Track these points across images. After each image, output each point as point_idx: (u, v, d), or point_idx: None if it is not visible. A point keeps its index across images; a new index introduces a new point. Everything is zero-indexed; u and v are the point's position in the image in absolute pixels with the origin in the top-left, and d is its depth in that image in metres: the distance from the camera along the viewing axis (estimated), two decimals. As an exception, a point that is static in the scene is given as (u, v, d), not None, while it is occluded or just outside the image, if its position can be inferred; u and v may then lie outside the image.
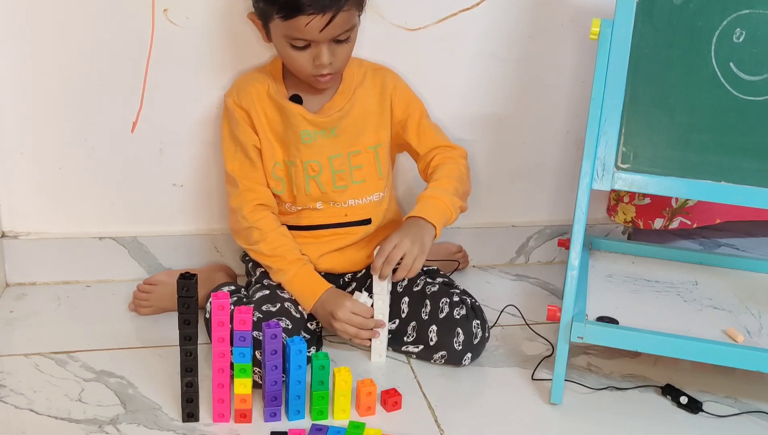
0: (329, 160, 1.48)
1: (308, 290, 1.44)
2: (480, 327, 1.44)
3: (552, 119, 1.78)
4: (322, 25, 1.33)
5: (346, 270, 1.55)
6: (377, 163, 1.51)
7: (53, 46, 1.51)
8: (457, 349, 1.42)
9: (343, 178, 1.49)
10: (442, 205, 1.44)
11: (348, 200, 1.50)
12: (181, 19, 1.53)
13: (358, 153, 1.50)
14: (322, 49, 1.36)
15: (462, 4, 1.64)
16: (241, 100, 1.47)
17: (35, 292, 1.63)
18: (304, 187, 1.48)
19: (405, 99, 1.54)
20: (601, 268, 1.57)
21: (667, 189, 1.35)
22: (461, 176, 1.51)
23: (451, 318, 1.43)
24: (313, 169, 1.47)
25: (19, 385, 1.33)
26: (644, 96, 1.34)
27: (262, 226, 1.46)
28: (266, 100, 1.47)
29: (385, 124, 1.52)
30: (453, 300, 1.45)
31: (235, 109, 1.47)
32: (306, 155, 1.46)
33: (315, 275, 1.46)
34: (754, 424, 1.35)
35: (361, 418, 1.30)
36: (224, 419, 1.27)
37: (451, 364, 1.44)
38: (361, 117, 1.49)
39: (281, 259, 1.45)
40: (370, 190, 1.52)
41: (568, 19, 1.70)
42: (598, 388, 1.41)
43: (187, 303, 1.20)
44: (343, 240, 1.52)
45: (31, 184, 1.61)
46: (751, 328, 1.39)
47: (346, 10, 1.34)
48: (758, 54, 1.30)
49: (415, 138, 1.54)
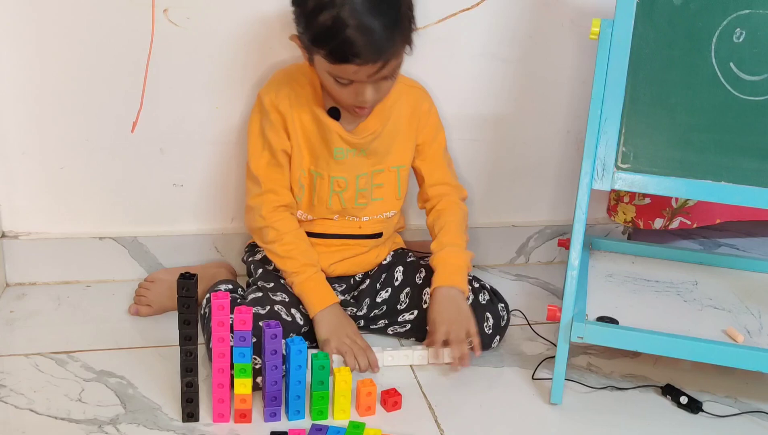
0: (356, 178, 1.46)
1: (316, 298, 1.43)
2: (505, 309, 1.51)
3: (552, 119, 1.78)
4: (371, 73, 1.29)
5: (358, 272, 1.55)
6: (398, 183, 1.51)
7: (54, 47, 1.51)
8: (488, 332, 1.47)
9: (365, 196, 1.49)
10: (464, 267, 1.46)
11: (364, 216, 1.51)
12: (181, 19, 1.53)
13: (381, 172, 1.49)
14: (367, 87, 1.32)
15: (462, 4, 1.64)
16: (279, 103, 1.42)
17: (35, 292, 1.63)
18: (326, 200, 1.47)
19: (433, 127, 1.53)
20: (601, 268, 1.57)
21: (667, 189, 1.35)
22: (464, 224, 1.53)
23: (479, 304, 1.47)
24: (339, 185, 1.46)
25: (19, 385, 1.33)
26: (644, 96, 1.34)
27: (280, 226, 1.45)
28: (305, 106, 1.42)
29: (411, 145, 1.51)
30: (474, 286, 1.49)
31: (271, 111, 1.43)
32: (335, 171, 1.45)
33: (325, 285, 1.45)
34: (754, 424, 1.35)
35: (361, 418, 1.30)
36: (224, 419, 1.27)
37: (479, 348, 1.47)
38: (390, 136, 1.47)
39: (294, 261, 1.44)
40: (386, 208, 1.52)
41: (568, 19, 1.70)
42: (598, 387, 1.41)
43: (187, 303, 1.20)
44: (353, 250, 1.52)
45: (32, 184, 1.61)
46: (751, 328, 1.39)
47: (396, 56, 1.31)
48: (758, 54, 1.30)
49: (426, 166, 1.54)
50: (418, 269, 1.53)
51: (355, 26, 1.23)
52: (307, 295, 1.43)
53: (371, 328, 1.53)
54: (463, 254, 1.48)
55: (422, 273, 1.52)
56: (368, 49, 1.25)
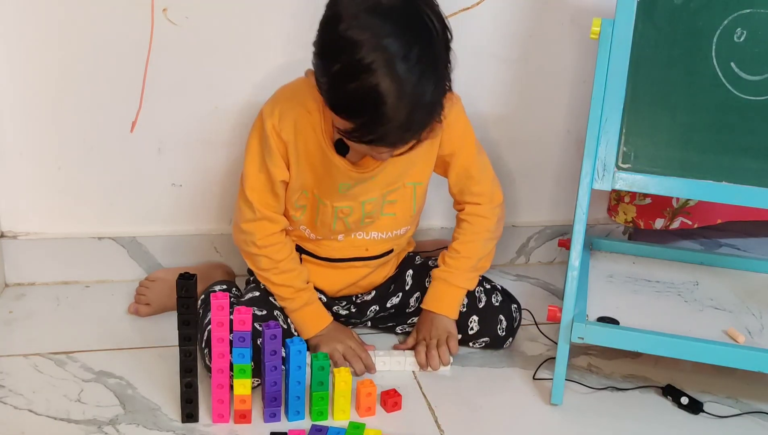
0: (362, 204, 1.37)
1: (311, 323, 1.40)
2: (518, 310, 1.50)
3: (552, 119, 1.78)
4: (398, 152, 1.20)
5: (366, 291, 1.51)
6: (413, 199, 1.41)
7: (52, 46, 1.51)
8: (501, 335, 1.47)
9: (372, 217, 1.40)
10: (457, 294, 1.44)
11: (371, 232, 1.43)
12: (180, 19, 1.53)
13: (396, 190, 1.39)
14: (384, 151, 1.22)
15: (462, 4, 1.63)
16: (282, 129, 1.30)
17: (34, 293, 1.62)
18: (330, 225, 1.39)
19: (459, 138, 1.39)
20: (602, 268, 1.57)
21: (668, 189, 1.35)
22: (486, 238, 1.45)
23: (491, 307, 1.47)
24: (343, 213, 1.38)
25: (18, 385, 1.33)
26: (645, 96, 1.33)
27: (274, 255, 1.38)
28: (311, 134, 1.29)
29: (430, 161, 1.39)
30: (485, 287, 1.48)
31: (271, 136, 1.30)
32: (339, 202, 1.36)
33: (318, 308, 1.42)
34: (755, 425, 1.35)
35: (361, 418, 1.30)
36: (224, 420, 1.27)
37: (491, 348, 1.48)
38: (407, 157, 1.29)
39: (289, 289, 1.39)
40: (397, 225, 1.43)
41: (568, 18, 1.70)
42: (598, 388, 1.41)
43: (187, 303, 1.20)
44: (361, 272, 1.47)
45: (30, 185, 1.60)
46: (752, 329, 1.39)
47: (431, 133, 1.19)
48: (759, 53, 1.30)
49: (453, 177, 1.43)
50: (427, 273, 1.51)
51: (396, 104, 1.09)
52: (301, 322, 1.40)
53: (379, 327, 1.53)
54: (460, 279, 1.44)
55: (431, 278, 1.50)
56: (402, 133, 1.13)
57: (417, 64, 1.10)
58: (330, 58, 1.13)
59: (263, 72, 1.57)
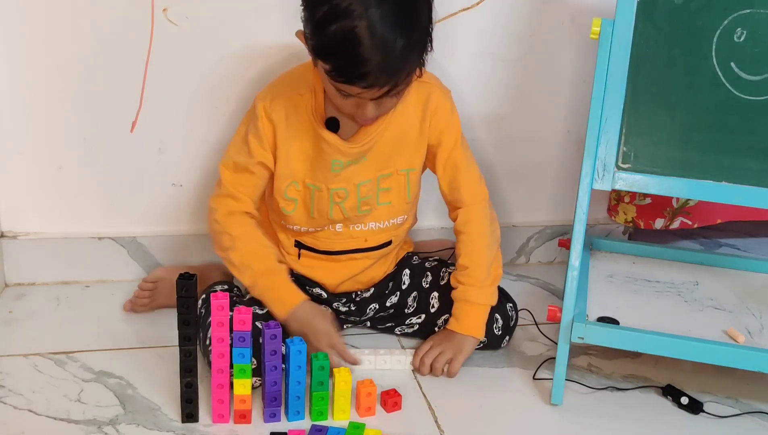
0: (356, 186, 1.38)
1: (278, 303, 1.36)
2: (513, 309, 1.49)
3: (552, 119, 1.78)
4: (375, 96, 1.21)
5: (366, 287, 1.52)
6: (407, 186, 1.43)
7: (53, 46, 1.51)
8: (497, 334, 1.46)
9: (368, 203, 1.41)
10: (479, 311, 1.43)
11: (369, 223, 1.43)
12: (180, 19, 1.53)
13: (389, 176, 1.41)
14: (368, 104, 1.24)
15: (462, 4, 1.63)
16: (273, 110, 1.34)
17: (34, 293, 1.62)
18: (327, 212, 1.40)
19: (444, 126, 1.41)
20: (602, 268, 1.57)
21: (668, 189, 1.35)
22: (487, 244, 1.46)
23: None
24: (339, 196, 1.38)
25: (18, 385, 1.33)
26: (645, 96, 1.33)
27: (233, 230, 1.37)
28: (302, 116, 1.34)
29: (422, 146, 1.41)
30: None
31: (261, 117, 1.35)
32: (334, 182, 1.37)
33: (287, 286, 1.38)
34: (755, 425, 1.35)
35: (361, 418, 1.30)
36: (224, 420, 1.26)
37: (490, 349, 1.47)
38: (397, 138, 1.37)
39: (249, 270, 1.37)
40: (394, 213, 1.44)
41: (568, 18, 1.70)
42: (598, 388, 1.41)
43: (187, 303, 1.20)
44: (361, 264, 1.47)
45: (30, 184, 1.60)
46: (751, 329, 1.39)
47: (407, 80, 1.23)
48: (759, 53, 1.30)
49: (440, 170, 1.44)
50: (424, 273, 1.51)
51: (370, 45, 1.14)
52: (269, 304, 1.37)
53: (378, 327, 1.53)
54: (484, 296, 1.43)
55: (428, 277, 1.50)
56: (378, 73, 1.16)
57: (393, 12, 1.16)
58: (314, 7, 1.19)
59: (263, 72, 1.57)
